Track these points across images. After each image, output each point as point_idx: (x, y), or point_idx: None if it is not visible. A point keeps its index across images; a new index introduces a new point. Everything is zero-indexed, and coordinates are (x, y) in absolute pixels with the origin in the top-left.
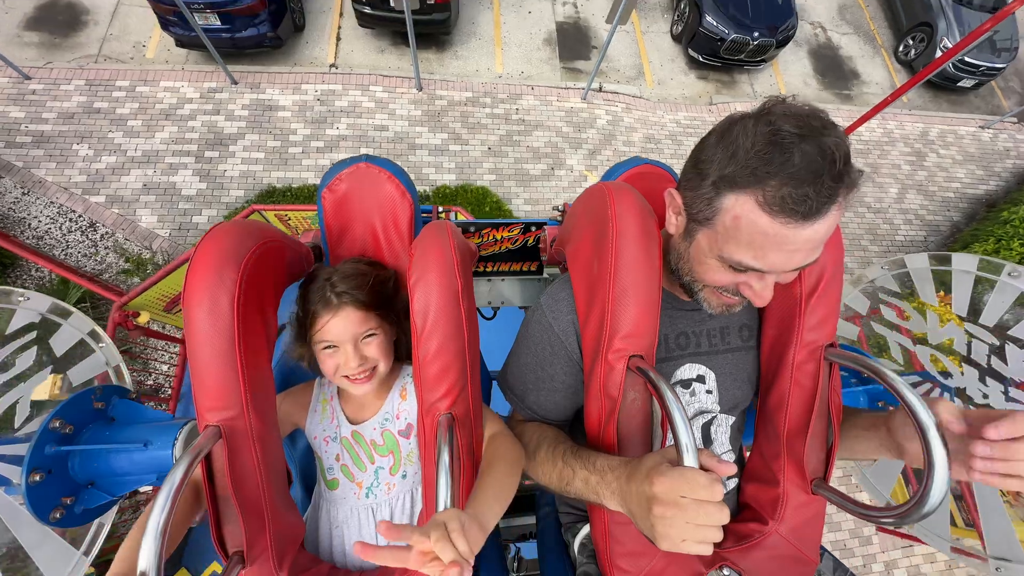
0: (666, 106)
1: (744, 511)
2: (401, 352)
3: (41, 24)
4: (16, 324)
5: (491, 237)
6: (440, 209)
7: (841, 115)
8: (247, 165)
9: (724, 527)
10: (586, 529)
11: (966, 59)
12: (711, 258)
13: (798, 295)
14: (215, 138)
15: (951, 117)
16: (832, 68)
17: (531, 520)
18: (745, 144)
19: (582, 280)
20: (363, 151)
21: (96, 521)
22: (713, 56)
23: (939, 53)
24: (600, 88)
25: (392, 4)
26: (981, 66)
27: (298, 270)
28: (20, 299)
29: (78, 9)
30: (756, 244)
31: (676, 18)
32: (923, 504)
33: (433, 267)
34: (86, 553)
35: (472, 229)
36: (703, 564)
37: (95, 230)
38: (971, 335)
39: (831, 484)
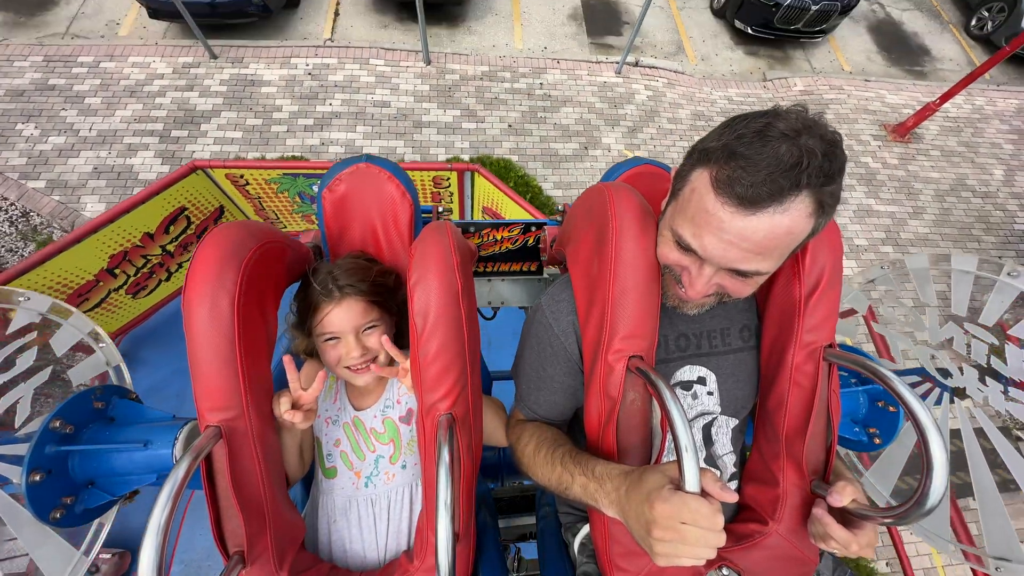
0: (713, 82)
1: (744, 511)
2: (402, 343)
3: (7, 4)
4: (16, 324)
5: (491, 237)
6: (440, 209)
7: (918, 91)
8: (220, 145)
9: (724, 528)
10: (586, 529)
11: None
12: (666, 229)
13: (797, 296)
14: (185, 116)
15: None
16: (897, 44)
17: (531, 520)
18: (738, 129)
19: (582, 280)
20: (359, 129)
21: (96, 521)
22: (765, 28)
23: None
24: (637, 63)
25: None
26: None
27: (298, 270)
28: (20, 299)
29: None
30: (697, 221)
31: None
32: (923, 504)
33: (433, 268)
34: (86, 553)
35: (472, 229)
36: (703, 563)
37: (27, 220)
38: (971, 335)
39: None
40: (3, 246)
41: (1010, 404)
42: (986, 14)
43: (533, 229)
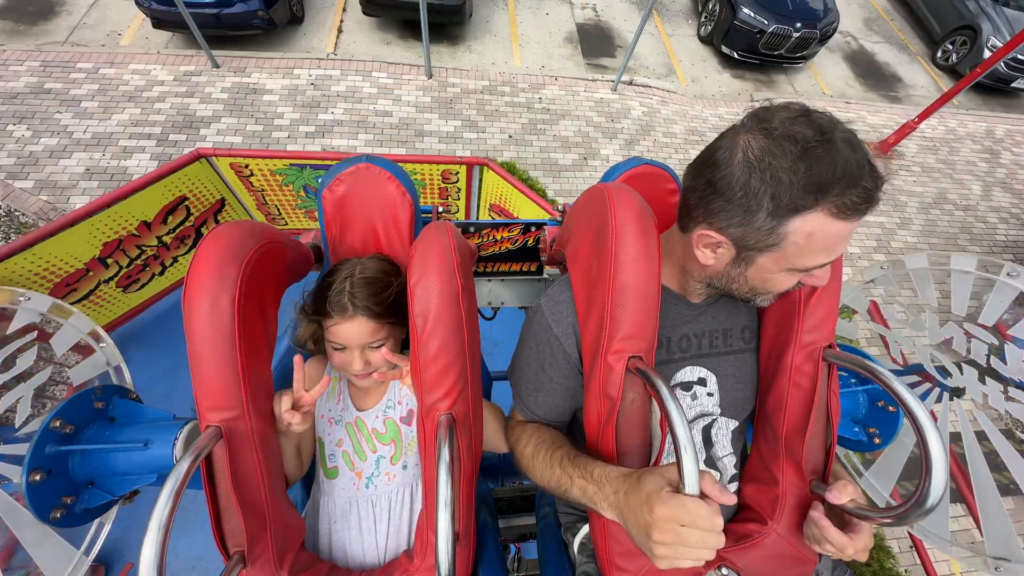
0: (704, 102)
1: (743, 511)
2: (407, 345)
3: (7, 13)
4: (17, 324)
5: (491, 237)
6: (440, 209)
7: (895, 112)
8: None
9: (724, 528)
10: (586, 529)
11: (1020, 56)
12: (778, 273)
13: (797, 296)
14: (184, 121)
15: (1012, 117)
16: (871, 72)
17: (531, 520)
18: (783, 165)
19: (582, 281)
20: (361, 137)
21: (96, 521)
22: (750, 53)
23: (987, 53)
24: (631, 82)
25: None
26: None
27: (298, 271)
28: (21, 299)
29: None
30: (830, 246)
31: (703, 20)
32: (922, 504)
33: (433, 268)
34: (86, 553)
35: (472, 229)
36: (703, 563)
37: (11, 220)
38: (970, 334)
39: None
40: None
41: (1010, 404)
42: (950, 47)
43: (533, 229)
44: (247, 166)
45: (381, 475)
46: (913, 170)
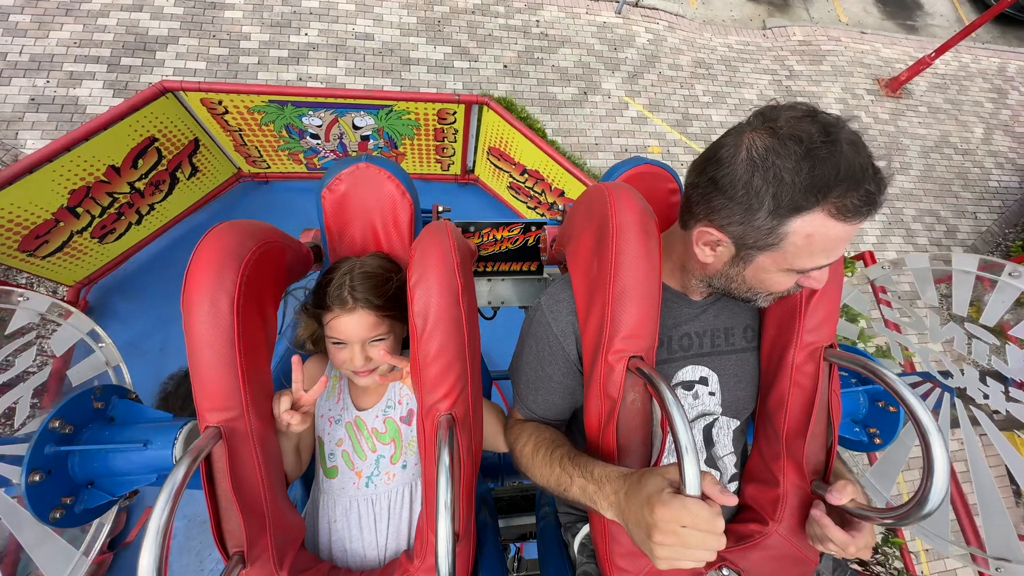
0: (714, 28)
1: (744, 511)
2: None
3: None
4: (15, 324)
5: (491, 237)
6: (440, 209)
7: (910, 45)
8: (182, 77)
9: (725, 529)
10: (586, 529)
11: None
12: (776, 273)
13: (798, 296)
14: (136, 41)
15: None
16: None
17: (531, 520)
18: (786, 166)
19: (582, 280)
20: (340, 64)
21: (96, 521)
22: None
23: None
24: (637, 3)
25: None
26: None
27: (298, 271)
28: (20, 299)
29: None
30: (829, 248)
31: None
32: (923, 505)
33: (433, 267)
34: (86, 553)
35: (472, 229)
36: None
37: None
38: (971, 335)
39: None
40: None
41: (1011, 404)
42: None
43: (533, 229)
44: (220, 102)
45: (381, 475)
46: (920, 110)
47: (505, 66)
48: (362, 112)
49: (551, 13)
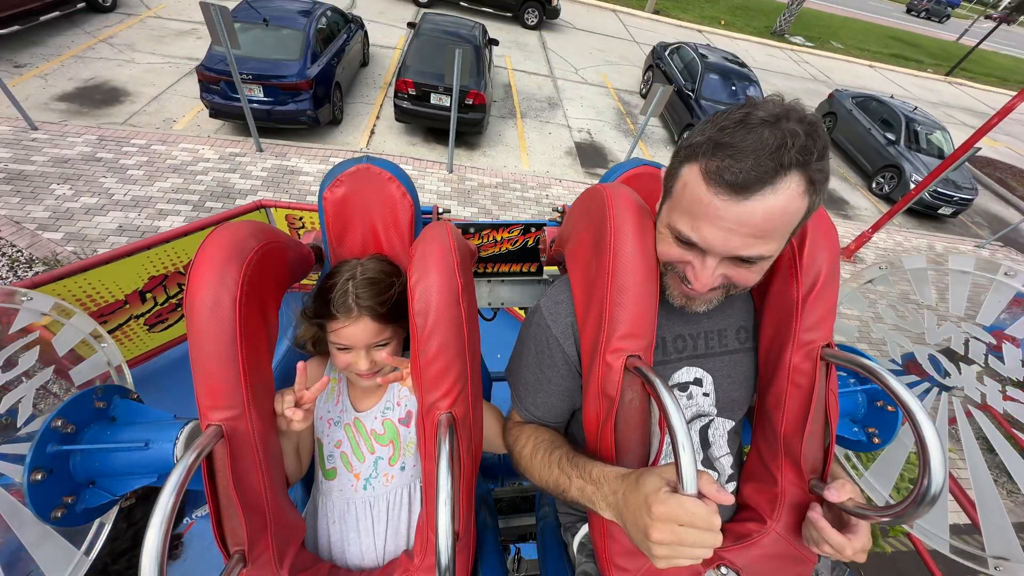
0: None
1: (742, 511)
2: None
3: (75, 98)
4: (19, 324)
5: (491, 238)
6: (440, 210)
7: (851, 227)
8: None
9: (722, 527)
10: (585, 529)
11: (939, 189)
12: (664, 227)
13: (795, 296)
14: (222, 191)
15: (946, 237)
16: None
17: (531, 520)
18: (720, 122)
19: (580, 280)
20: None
21: (97, 520)
22: None
23: (912, 186)
24: None
25: (434, 100)
26: (955, 196)
27: (299, 271)
28: (23, 299)
29: (120, 91)
30: (693, 213)
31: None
32: (920, 503)
33: (433, 268)
34: (87, 553)
35: (472, 230)
36: (701, 563)
37: (29, 267)
38: (968, 334)
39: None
40: None
41: (1008, 403)
42: (882, 179)
43: (533, 230)
44: (300, 218)
45: (379, 476)
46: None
47: None
48: None
49: (557, 191)
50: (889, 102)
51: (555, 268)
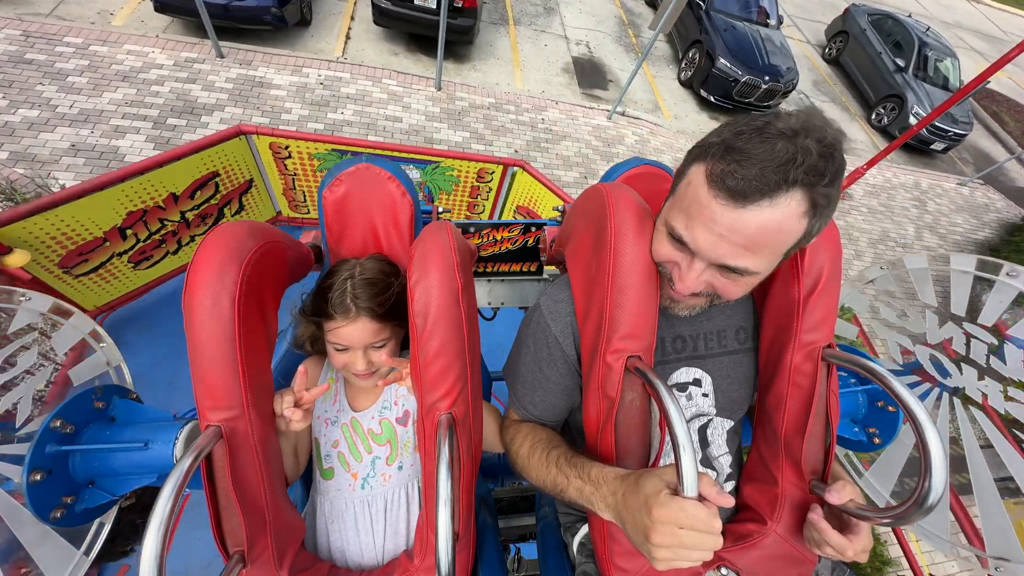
0: (685, 137)
1: (742, 511)
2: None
3: None
4: (17, 324)
5: (491, 237)
6: (440, 209)
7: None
8: None
9: (722, 529)
10: (585, 529)
11: (937, 124)
12: (662, 224)
13: (796, 296)
14: (184, 106)
15: (932, 173)
16: None
17: (531, 520)
18: (738, 127)
19: (581, 280)
20: (371, 139)
21: (96, 521)
22: (725, 98)
23: (912, 120)
24: (623, 113)
25: (418, 1)
26: (950, 131)
27: (299, 271)
28: (22, 299)
29: None
30: (690, 213)
31: (683, 66)
32: (921, 504)
33: (433, 267)
34: (86, 553)
35: (472, 229)
36: (701, 563)
37: None
38: (970, 334)
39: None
40: None
41: (1009, 403)
42: (882, 111)
43: (533, 229)
44: (287, 147)
45: (377, 476)
46: (862, 210)
47: (516, 151)
48: (411, 166)
49: (553, 114)
50: (905, 22)
51: (555, 268)
